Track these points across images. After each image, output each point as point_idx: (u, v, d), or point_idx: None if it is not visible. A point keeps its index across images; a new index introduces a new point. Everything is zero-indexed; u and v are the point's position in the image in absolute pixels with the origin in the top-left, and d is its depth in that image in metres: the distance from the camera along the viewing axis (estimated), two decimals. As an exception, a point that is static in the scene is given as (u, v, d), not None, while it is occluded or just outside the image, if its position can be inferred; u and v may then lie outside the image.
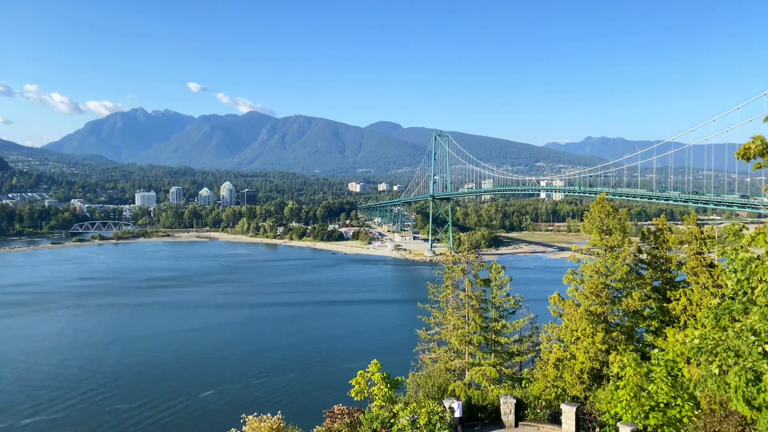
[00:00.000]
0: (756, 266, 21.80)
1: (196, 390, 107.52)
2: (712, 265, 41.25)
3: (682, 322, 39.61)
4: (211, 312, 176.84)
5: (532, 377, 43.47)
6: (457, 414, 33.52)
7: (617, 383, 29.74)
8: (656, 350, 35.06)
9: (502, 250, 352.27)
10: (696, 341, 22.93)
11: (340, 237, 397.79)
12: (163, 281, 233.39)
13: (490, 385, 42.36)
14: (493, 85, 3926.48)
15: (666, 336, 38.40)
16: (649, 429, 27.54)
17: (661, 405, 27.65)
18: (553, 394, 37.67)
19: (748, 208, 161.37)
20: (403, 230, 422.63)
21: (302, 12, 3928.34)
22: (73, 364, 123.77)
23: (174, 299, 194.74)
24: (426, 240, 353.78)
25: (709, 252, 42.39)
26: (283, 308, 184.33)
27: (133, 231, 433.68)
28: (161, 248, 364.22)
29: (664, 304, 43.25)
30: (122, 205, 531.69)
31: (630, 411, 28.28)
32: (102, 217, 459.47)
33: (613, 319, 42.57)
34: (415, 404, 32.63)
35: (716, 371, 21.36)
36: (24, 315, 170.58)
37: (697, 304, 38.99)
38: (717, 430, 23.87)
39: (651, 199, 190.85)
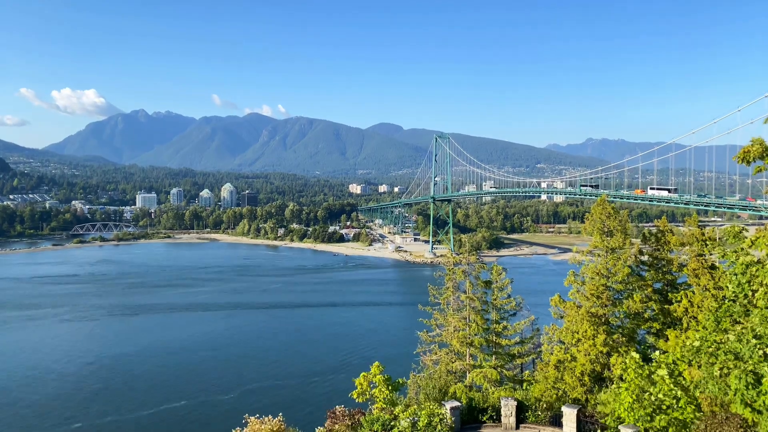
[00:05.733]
0: (757, 270, 21.85)
1: (198, 392, 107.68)
2: (713, 267, 41.25)
3: (683, 324, 39.61)
4: (211, 314, 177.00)
5: (533, 379, 43.46)
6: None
7: (619, 385, 29.71)
8: (657, 352, 35.06)
9: (503, 251, 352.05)
10: (696, 343, 22.96)
11: (341, 239, 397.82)
12: (164, 283, 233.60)
13: (491, 387, 42.34)
14: (494, 86, 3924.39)
15: (667, 338, 38.42)
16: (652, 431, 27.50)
17: (664, 407, 27.63)
18: (554, 396, 37.63)
19: (749, 210, 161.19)
20: (404, 232, 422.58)
21: (302, 12, 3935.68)
22: (76, 368, 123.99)
23: (175, 301, 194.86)
24: (427, 241, 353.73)
25: (710, 254, 42.39)
26: (283, 310, 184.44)
27: (133, 232, 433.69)
28: (162, 250, 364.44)
29: (666, 306, 43.25)
30: (123, 207, 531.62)
31: (632, 413, 28.25)
32: (103, 219, 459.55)
33: (615, 320, 42.58)
34: (415, 406, 32.66)
35: (717, 373, 21.39)
36: (28, 318, 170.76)
37: (699, 306, 38.99)
38: (718, 432, 23.85)
39: (652, 200, 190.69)
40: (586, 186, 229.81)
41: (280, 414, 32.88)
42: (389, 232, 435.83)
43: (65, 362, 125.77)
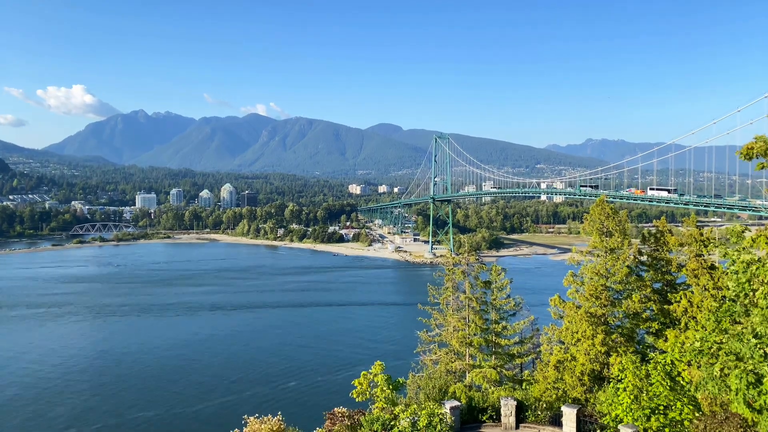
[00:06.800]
0: (757, 268, 21.80)
1: (200, 392, 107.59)
2: (712, 267, 41.23)
3: (682, 324, 39.57)
4: (211, 315, 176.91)
5: (533, 379, 43.44)
6: None
7: (617, 385, 29.70)
8: (656, 352, 35.04)
9: (503, 252, 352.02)
10: (696, 343, 22.92)
11: (341, 239, 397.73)
12: (163, 284, 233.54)
13: (490, 387, 42.31)
14: (494, 86, 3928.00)
15: (666, 338, 38.40)
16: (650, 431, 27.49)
17: (661, 407, 27.62)
18: (554, 396, 37.61)
19: (749, 210, 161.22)
20: (404, 232, 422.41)
21: (302, 12, 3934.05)
22: (74, 369, 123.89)
23: (174, 301, 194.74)
24: (426, 242, 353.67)
25: (710, 254, 42.37)
26: (283, 310, 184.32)
27: (133, 233, 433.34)
28: (162, 250, 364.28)
29: (665, 306, 43.21)
30: (123, 207, 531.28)
31: (631, 413, 28.25)
32: (102, 219, 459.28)
33: (614, 320, 42.55)
34: (415, 406, 32.62)
35: (717, 373, 21.34)
36: (26, 318, 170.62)
37: (698, 306, 38.95)
38: (718, 432, 23.81)
39: (651, 201, 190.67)
40: (585, 186, 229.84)
41: (279, 414, 32.85)
42: (389, 233, 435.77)
43: (64, 363, 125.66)
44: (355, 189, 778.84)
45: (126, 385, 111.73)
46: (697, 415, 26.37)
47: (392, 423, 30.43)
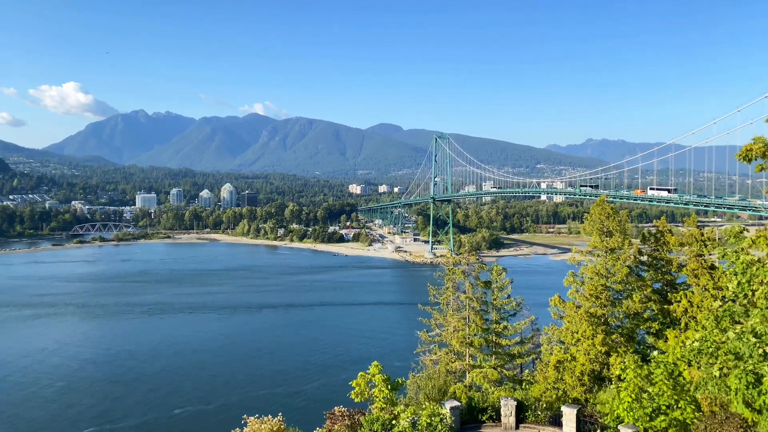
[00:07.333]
0: (757, 269, 21.81)
1: (198, 392, 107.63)
2: (712, 267, 41.26)
3: (682, 324, 39.62)
4: (211, 315, 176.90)
5: (533, 379, 43.46)
6: None
7: (618, 385, 29.70)
8: (656, 352, 35.06)
9: (503, 251, 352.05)
10: (696, 343, 22.92)
11: (341, 239, 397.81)
12: (163, 284, 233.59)
13: (490, 387, 42.31)
14: (494, 86, 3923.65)
15: (667, 338, 38.43)
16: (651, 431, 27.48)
17: (663, 407, 27.61)
18: (554, 396, 37.63)
19: (749, 210, 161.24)
20: (404, 232, 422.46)
21: (302, 12, 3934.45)
22: (73, 369, 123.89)
23: (173, 302, 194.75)
24: (426, 242, 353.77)
25: (710, 254, 42.41)
26: (283, 310, 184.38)
27: (133, 233, 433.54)
28: (162, 250, 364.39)
29: (665, 306, 43.26)
30: (123, 207, 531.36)
31: (631, 413, 28.25)
32: (103, 219, 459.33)
33: (614, 321, 42.60)
34: (415, 406, 32.64)
35: (717, 373, 21.34)
36: (25, 318, 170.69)
37: (698, 306, 39.00)
38: (718, 432, 23.83)
39: (651, 201, 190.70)
40: (585, 186, 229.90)
41: (280, 414, 32.86)
42: (389, 233, 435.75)
43: (64, 363, 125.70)
44: (355, 189, 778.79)
45: (126, 385, 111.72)
46: (698, 415, 26.38)
47: (392, 423, 30.44)
